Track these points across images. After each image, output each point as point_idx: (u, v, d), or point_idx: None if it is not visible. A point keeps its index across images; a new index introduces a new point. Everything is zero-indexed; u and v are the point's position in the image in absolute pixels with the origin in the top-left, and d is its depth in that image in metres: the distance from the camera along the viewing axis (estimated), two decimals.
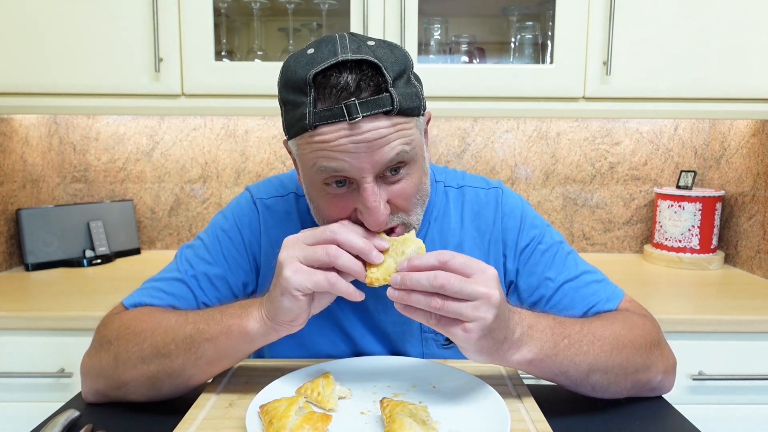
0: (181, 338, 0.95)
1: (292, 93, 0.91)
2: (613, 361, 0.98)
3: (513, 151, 2.32)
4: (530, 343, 0.92)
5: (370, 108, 0.87)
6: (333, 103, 0.87)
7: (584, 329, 0.99)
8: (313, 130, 0.89)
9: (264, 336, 0.92)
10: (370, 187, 0.91)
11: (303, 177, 1.01)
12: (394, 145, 0.90)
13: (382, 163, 0.90)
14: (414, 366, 1.05)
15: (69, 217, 2.16)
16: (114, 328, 1.03)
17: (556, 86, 1.85)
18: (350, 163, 0.89)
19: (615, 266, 2.17)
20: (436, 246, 1.15)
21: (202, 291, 1.11)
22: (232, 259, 1.14)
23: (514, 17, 2.03)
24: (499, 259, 1.18)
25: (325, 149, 0.89)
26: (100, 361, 1.01)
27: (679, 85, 1.85)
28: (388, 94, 0.88)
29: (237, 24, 2.14)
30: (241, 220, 1.16)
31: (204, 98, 1.86)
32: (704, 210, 2.11)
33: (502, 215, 1.19)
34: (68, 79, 1.84)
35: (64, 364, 1.61)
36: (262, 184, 1.21)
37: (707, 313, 1.62)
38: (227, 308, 0.96)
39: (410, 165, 0.95)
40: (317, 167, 0.91)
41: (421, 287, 0.83)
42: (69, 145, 2.32)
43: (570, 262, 1.18)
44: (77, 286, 1.87)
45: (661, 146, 2.32)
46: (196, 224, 2.35)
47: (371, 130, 0.88)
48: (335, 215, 0.96)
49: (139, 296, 1.11)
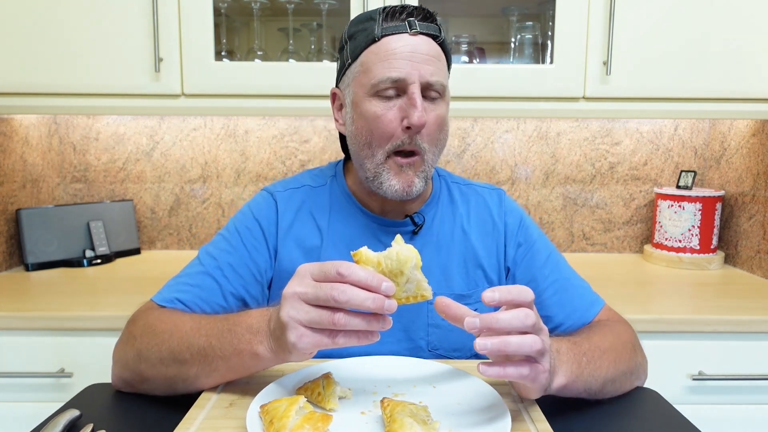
0: (195, 349, 0.97)
1: (361, 23, 1.15)
2: (618, 370, 1.04)
3: (513, 151, 2.32)
4: (562, 368, 0.93)
5: (426, 28, 1.12)
6: (398, 21, 1.12)
7: (591, 345, 1.03)
8: (379, 40, 1.11)
9: (276, 362, 0.93)
10: (417, 91, 1.09)
11: (356, 97, 1.16)
12: (437, 70, 1.12)
13: (426, 77, 1.10)
14: (414, 366, 1.05)
15: (69, 217, 2.16)
16: (140, 325, 1.08)
17: (556, 86, 1.85)
18: (407, 70, 1.09)
19: (615, 266, 2.17)
20: (443, 230, 1.27)
21: (227, 280, 1.17)
22: (253, 248, 1.21)
23: (514, 17, 2.03)
24: (500, 246, 1.29)
25: (389, 56, 1.10)
26: (126, 354, 1.06)
27: (679, 85, 1.85)
28: (437, 26, 1.14)
29: (237, 24, 2.14)
30: (259, 213, 1.25)
31: (204, 98, 1.86)
32: (704, 210, 2.11)
33: (504, 212, 1.31)
34: (68, 79, 1.84)
35: (65, 364, 1.61)
36: (278, 183, 1.32)
37: (707, 313, 1.62)
38: (236, 327, 0.95)
39: (441, 101, 1.15)
40: (379, 77, 1.10)
41: (513, 328, 0.81)
42: (69, 145, 2.32)
43: (562, 266, 1.30)
44: (77, 286, 1.87)
45: (661, 146, 2.32)
46: (196, 224, 2.35)
47: (425, 45, 1.11)
48: (385, 124, 1.12)
49: (167, 292, 1.16)
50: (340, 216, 1.25)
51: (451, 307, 0.86)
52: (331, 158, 2.30)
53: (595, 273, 2.05)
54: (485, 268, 1.26)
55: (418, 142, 1.12)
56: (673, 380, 1.62)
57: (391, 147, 1.12)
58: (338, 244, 1.23)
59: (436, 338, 1.21)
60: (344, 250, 1.22)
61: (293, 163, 2.32)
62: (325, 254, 1.22)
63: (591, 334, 1.10)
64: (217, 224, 2.35)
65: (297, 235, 1.24)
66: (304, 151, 2.31)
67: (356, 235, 1.24)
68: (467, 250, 1.27)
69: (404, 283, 0.84)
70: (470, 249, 1.27)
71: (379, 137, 1.12)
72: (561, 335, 1.06)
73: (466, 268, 1.26)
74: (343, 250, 1.22)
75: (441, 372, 1.03)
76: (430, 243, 1.25)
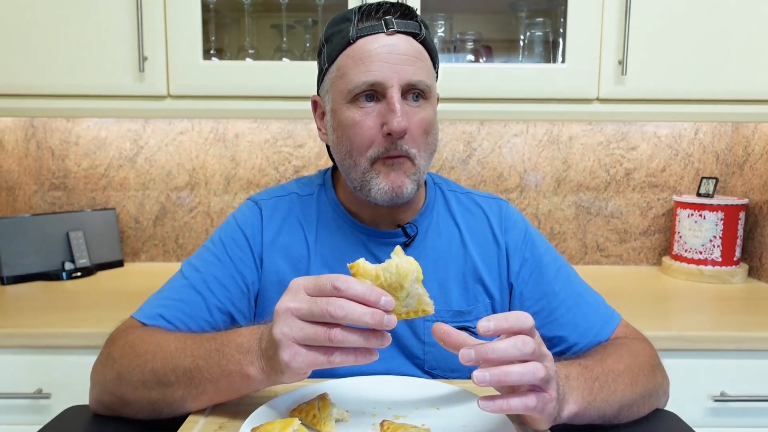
0: (181, 371, 0.97)
1: (337, 25, 1.16)
2: (635, 393, 1.04)
3: (522, 157, 2.33)
4: (573, 394, 0.93)
5: (405, 26, 1.12)
6: (374, 21, 1.12)
7: (605, 368, 1.03)
8: (354, 42, 1.12)
9: (267, 384, 0.93)
10: (396, 95, 1.09)
11: (335, 104, 1.16)
12: (419, 69, 1.12)
13: (407, 78, 1.10)
14: (416, 386, 1.06)
15: (47, 227, 2.16)
16: (120, 345, 1.08)
17: (568, 87, 1.86)
18: (383, 73, 1.09)
19: (631, 279, 2.17)
20: (439, 241, 1.27)
21: (212, 293, 1.18)
22: (239, 259, 1.22)
23: (523, 13, 2.03)
24: (503, 261, 1.28)
25: (364, 59, 1.10)
26: (105, 376, 1.06)
27: (700, 85, 1.85)
28: (418, 23, 1.14)
29: (227, 20, 2.14)
30: (243, 222, 1.26)
31: (191, 100, 1.87)
32: (726, 219, 2.11)
33: (506, 224, 1.30)
34: (46, 79, 1.85)
35: (42, 385, 1.61)
36: (263, 191, 1.34)
37: (730, 330, 1.62)
38: (224, 347, 0.95)
39: (427, 102, 1.15)
40: (355, 81, 1.10)
41: (512, 357, 0.82)
42: (47, 150, 2.33)
43: (573, 280, 1.28)
44: (56, 300, 1.87)
45: (681, 151, 2.33)
46: (183, 234, 2.36)
47: (404, 45, 1.12)
48: (363, 131, 1.12)
49: (149, 308, 1.16)
50: (329, 227, 1.26)
51: (451, 335, 0.88)
52: (327, 164, 2.30)
53: (610, 287, 2.05)
54: (486, 282, 1.26)
55: (404, 147, 1.12)
56: (693, 402, 1.62)
57: (374, 154, 1.13)
58: (326, 256, 1.24)
59: (433, 358, 1.21)
60: (333, 262, 1.23)
61: (287, 170, 2.32)
62: (314, 266, 1.23)
63: (605, 355, 1.10)
64: (206, 234, 2.36)
65: (283, 245, 1.25)
66: (299, 156, 2.32)
67: (345, 246, 1.24)
68: (466, 263, 1.27)
69: (404, 297, 0.84)
70: (469, 262, 1.27)
71: (359, 146, 1.13)
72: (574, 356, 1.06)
73: (464, 282, 1.26)
74: (332, 263, 1.23)
75: (444, 393, 1.03)
76: (424, 255, 1.24)
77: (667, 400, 1.14)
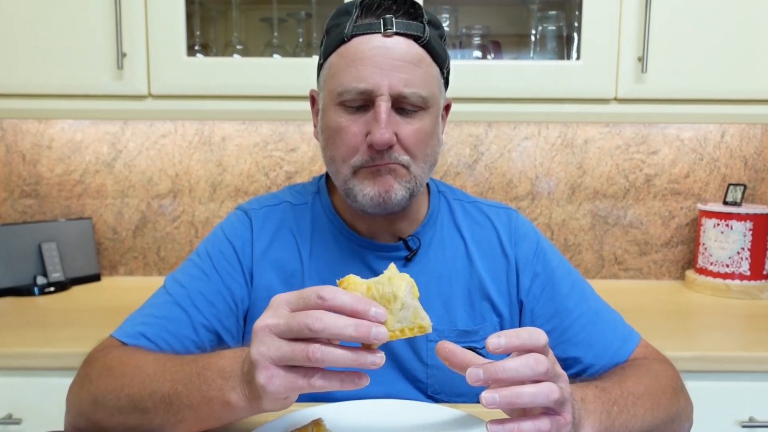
0: (159, 396, 0.95)
1: (338, 17, 1.15)
2: (656, 418, 1.03)
3: (533, 162, 2.33)
4: (589, 418, 0.92)
5: (404, 27, 1.10)
6: (372, 18, 1.10)
7: (623, 390, 1.02)
8: (348, 41, 1.11)
9: (250, 411, 0.90)
10: (384, 104, 1.08)
11: (325, 103, 1.16)
12: (414, 78, 1.10)
13: (398, 89, 1.08)
14: (419, 411, 1.06)
15: (17, 237, 2.16)
16: (97, 366, 1.07)
17: (583, 86, 1.86)
18: (374, 80, 1.08)
19: (652, 295, 2.17)
20: (443, 255, 1.26)
21: (197, 310, 1.17)
22: (227, 274, 1.22)
23: (534, 5, 2.04)
24: (512, 277, 1.27)
25: (356, 62, 1.09)
26: (80, 399, 1.05)
27: (727, 84, 1.86)
28: (422, 25, 1.11)
29: (212, 13, 2.15)
30: (232, 233, 1.26)
31: (174, 100, 1.88)
32: (755, 230, 2.12)
33: (515, 236, 1.30)
34: (16, 77, 1.85)
35: (12, 409, 1.61)
36: (253, 199, 1.34)
37: (759, 350, 1.62)
38: (205, 371, 0.92)
39: (426, 112, 1.13)
40: (344, 85, 1.10)
41: (523, 377, 0.80)
42: (17, 154, 2.33)
43: (589, 296, 1.28)
44: (27, 317, 1.87)
45: (706, 156, 2.33)
46: (165, 246, 2.36)
47: (401, 48, 1.09)
48: (348, 138, 1.12)
49: (130, 326, 1.16)
50: (324, 238, 1.26)
51: (457, 354, 0.87)
52: (322, 170, 2.31)
53: (629, 303, 2.05)
54: (493, 299, 1.26)
55: (393, 156, 1.11)
56: (719, 427, 1.62)
57: (357, 163, 1.13)
58: (322, 271, 1.24)
59: (437, 381, 1.21)
60: (329, 276, 1.23)
61: (278, 175, 2.33)
62: (308, 281, 1.23)
63: (624, 377, 1.09)
64: (190, 246, 2.36)
65: (275, 259, 1.25)
66: (291, 161, 2.32)
67: (341, 260, 1.24)
68: (472, 279, 1.26)
69: (398, 310, 0.80)
70: (476, 278, 1.26)
71: (342, 153, 1.13)
72: (590, 379, 1.06)
73: (471, 300, 1.26)
74: (328, 277, 1.22)
75: (449, 418, 1.03)
76: (427, 271, 1.25)
77: (690, 426, 1.13)
